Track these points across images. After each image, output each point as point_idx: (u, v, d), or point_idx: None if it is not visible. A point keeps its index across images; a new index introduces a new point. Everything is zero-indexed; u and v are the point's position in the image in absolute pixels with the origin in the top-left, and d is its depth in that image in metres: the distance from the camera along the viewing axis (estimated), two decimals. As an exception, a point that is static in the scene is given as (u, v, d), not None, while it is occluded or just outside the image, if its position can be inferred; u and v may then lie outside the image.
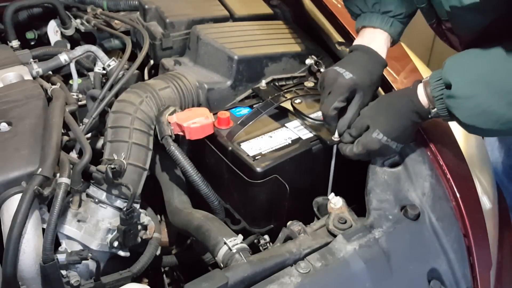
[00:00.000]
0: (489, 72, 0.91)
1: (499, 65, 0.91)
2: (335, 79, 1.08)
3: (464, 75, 0.92)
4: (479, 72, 0.91)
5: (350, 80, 1.07)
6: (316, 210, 1.09)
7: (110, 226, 1.06)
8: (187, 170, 1.10)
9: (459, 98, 0.91)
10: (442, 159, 1.12)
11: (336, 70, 1.09)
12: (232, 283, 0.84)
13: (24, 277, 0.93)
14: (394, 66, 1.35)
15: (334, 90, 1.08)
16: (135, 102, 1.16)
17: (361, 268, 0.91)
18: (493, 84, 0.89)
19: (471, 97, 0.90)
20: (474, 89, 0.90)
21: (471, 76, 0.91)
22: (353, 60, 1.12)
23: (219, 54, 1.34)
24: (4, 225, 0.94)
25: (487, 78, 0.90)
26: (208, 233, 1.01)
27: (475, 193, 1.14)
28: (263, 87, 1.33)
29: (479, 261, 1.03)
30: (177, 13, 1.47)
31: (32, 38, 1.60)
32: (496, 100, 0.88)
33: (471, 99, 0.90)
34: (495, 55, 0.91)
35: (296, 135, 1.18)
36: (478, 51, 0.94)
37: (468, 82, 0.91)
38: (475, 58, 0.94)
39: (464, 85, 0.91)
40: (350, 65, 1.10)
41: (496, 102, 0.88)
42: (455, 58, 0.96)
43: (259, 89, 1.32)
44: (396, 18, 1.14)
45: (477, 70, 0.92)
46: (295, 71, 1.40)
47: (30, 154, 0.99)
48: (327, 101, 1.08)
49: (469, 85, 0.90)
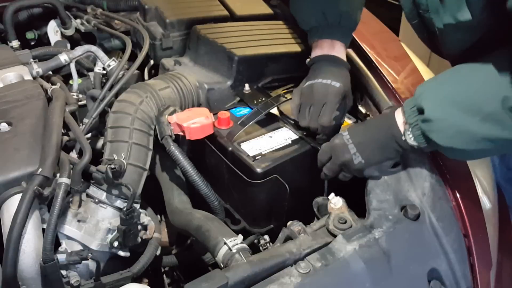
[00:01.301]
0: (457, 92, 0.93)
1: (465, 85, 0.93)
2: (326, 90, 1.15)
3: (434, 98, 0.94)
4: (448, 94, 0.93)
5: (340, 88, 1.15)
6: (316, 210, 1.09)
7: (110, 226, 1.06)
8: (187, 170, 1.10)
9: (433, 121, 0.93)
10: (442, 159, 1.12)
11: (323, 82, 1.15)
12: (232, 283, 0.84)
13: (24, 277, 0.93)
14: (394, 66, 1.35)
15: (329, 100, 1.14)
16: (135, 102, 1.16)
17: (361, 268, 0.91)
18: (462, 104, 0.91)
19: (443, 119, 0.92)
20: (445, 110, 0.92)
21: (441, 98, 0.93)
22: (328, 70, 1.19)
23: (219, 54, 1.34)
24: (4, 225, 0.94)
25: (456, 98, 0.92)
26: (208, 233, 1.01)
27: (475, 193, 1.14)
28: (246, 91, 1.31)
29: (479, 261, 1.03)
30: (177, 13, 1.47)
31: (32, 38, 1.60)
32: (467, 118, 0.90)
33: (444, 121, 0.92)
34: (461, 75, 0.94)
35: (296, 135, 1.18)
36: (446, 73, 0.97)
37: (439, 104, 0.93)
38: (443, 81, 0.96)
39: (435, 107, 0.93)
40: (330, 75, 1.17)
41: (468, 120, 0.90)
42: (424, 84, 1.00)
43: (243, 94, 1.30)
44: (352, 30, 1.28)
45: (446, 92, 0.94)
46: (295, 71, 1.40)
47: (30, 154, 0.99)
48: (325, 113, 1.13)
49: (440, 107, 0.92)
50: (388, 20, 1.64)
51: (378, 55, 1.37)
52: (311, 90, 1.17)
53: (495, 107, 0.86)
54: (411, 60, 1.42)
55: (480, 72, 0.92)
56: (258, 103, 1.24)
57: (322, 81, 1.16)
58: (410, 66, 1.40)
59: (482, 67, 0.91)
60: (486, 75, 0.90)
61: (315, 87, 1.16)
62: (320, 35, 1.26)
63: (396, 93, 1.25)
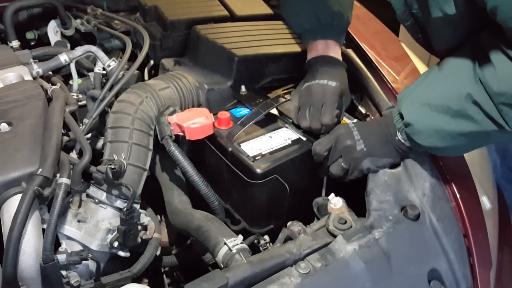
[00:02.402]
0: (427, 94, 1.00)
1: (434, 86, 1.00)
2: (324, 90, 1.17)
3: (410, 103, 1.01)
4: (420, 97, 1.00)
5: (337, 86, 1.18)
6: (316, 210, 1.09)
7: (110, 227, 1.06)
8: (187, 171, 1.10)
9: (412, 124, 1.00)
10: (442, 159, 1.12)
11: (320, 83, 1.18)
12: (232, 284, 0.84)
13: (24, 277, 0.93)
14: (394, 66, 1.35)
15: (328, 99, 1.17)
16: (135, 103, 1.16)
17: (361, 269, 0.91)
18: (433, 105, 0.97)
19: (419, 121, 0.99)
20: (420, 113, 0.99)
21: (415, 102, 1.01)
22: (323, 70, 1.22)
23: (219, 54, 1.34)
24: (4, 225, 0.94)
25: (427, 100, 0.98)
26: (208, 233, 1.01)
27: (475, 193, 1.14)
28: (243, 92, 1.31)
29: (479, 261, 1.03)
30: (177, 13, 1.47)
31: (32, 38, 1.60)
32: (440, 117, 0.96)
33: (421, 123, 0.99)
34: (431, 77, 1.02)
35: (296, 135, 1.18)
36: (420, 77, 1.05)
37: (414, 108, 1.00)
38: (417, 85, 1.03)
39: (411, 112, 1.00)
40: (326, 75, 1.20)
41: (441, 119, 0.96)
42: (404, 90, 1.06)
43: (239, 95, 1.30)
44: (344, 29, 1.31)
45: (419, 95, 1.01)
46: (295, 71, 1.40)
47: (30, 154, 0.99)
48: (326, 112, 1.16)
49: (414, 111, 1.00)
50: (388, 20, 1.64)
51: (378, 55, 1.37)
52: (309, 91, 1.19)
53: (461, 104, 0.93)
54: (411, 60, 1.42)
55: (445, 72, 0.99)
56: (256, 104, 1.24)
57: (319, 81, 1.18)
58: (410, 66, 1.40)
59: (447, 67, 0.99)
60: (450, 74, 0.98)
61: (313, 88, 1.18)
62: (314, 36, 1.28)
63: (396, 93, 1.25)
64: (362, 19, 1.55)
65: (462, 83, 0.94)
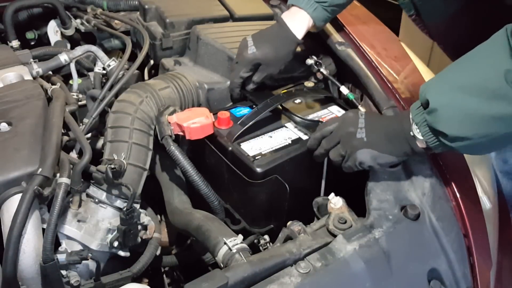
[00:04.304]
0: (459, 77, 0.92)
1: (466, 68, 0.92)
2: (242, 50, 1.26)
3: (437, 88, 0.93)
4: (450, 81, 0.93)
5: (252, 55, 1.24)
6: (316, 210, 1.09)
7: (110, 226, 1.06)
8: (187, 170, 1.10)
9: (438, 109, 0.91)
10: (442, 159, 1.12)
11: (246, 41, 1.26)
12: (232, 283, 0.84)
13: (24, 277, 0.93)
14: (394, 66, 1.35)
15: (240, 62, 1.25)
16: (135, 102, 1.16)
17: (361, 268, 0.91)
18: (466, 86, 0.89)
19: (448, 104, 0.90)
20: (449, 96, 0.90)
21: (444, 86, 0.93)
22: (265, 33, 1.28)
23: (219, 54, 1.34)
24: (4, 225, 0.94)
25: (458, 83, 0.91)
26: (208, 233, 1.01)
27: (475, 193, 1.14)
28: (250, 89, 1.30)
29: (479, 261, 1.03)
30: (177, 13, 1.47)
31: (32, 38, 1.60)
32: (473, 99, 0.88)
33: (450, 106, 0.90)
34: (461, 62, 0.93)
35: (296, 135, 1.18)
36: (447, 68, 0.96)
37: (443, 92, 0.92)
38: (445, 72, 0.95)
39: (439, 96, 0.92)
40: (259, 38, 1.26)
41: (474, 101, 0.88)
42: (427, 81, 0.98)
43: (247, 92, 1.30)
44: (321, 4, 1.26)
45: (448, 79, 0.94)
46: (295, 71, 1.40)
47: (30, 154, 0.99)
48: (235, 70, 1.26)
49: (444, 95, 0.91)
50: (388, 20, 1.64)
51: (378, 55, 1.37)
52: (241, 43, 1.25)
53: (499, 82, 0.84)
54: (411, 60, 1.42)
55: (479, 53, 0.91)
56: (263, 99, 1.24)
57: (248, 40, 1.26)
58: (410, 66, 1.40)
59: (480, 49, 0.91)
60: (485, 53, 0.90)
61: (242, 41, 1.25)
62: None
63: (396, 93, 1.25)
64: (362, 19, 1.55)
65: (500, 60, 0.85)
